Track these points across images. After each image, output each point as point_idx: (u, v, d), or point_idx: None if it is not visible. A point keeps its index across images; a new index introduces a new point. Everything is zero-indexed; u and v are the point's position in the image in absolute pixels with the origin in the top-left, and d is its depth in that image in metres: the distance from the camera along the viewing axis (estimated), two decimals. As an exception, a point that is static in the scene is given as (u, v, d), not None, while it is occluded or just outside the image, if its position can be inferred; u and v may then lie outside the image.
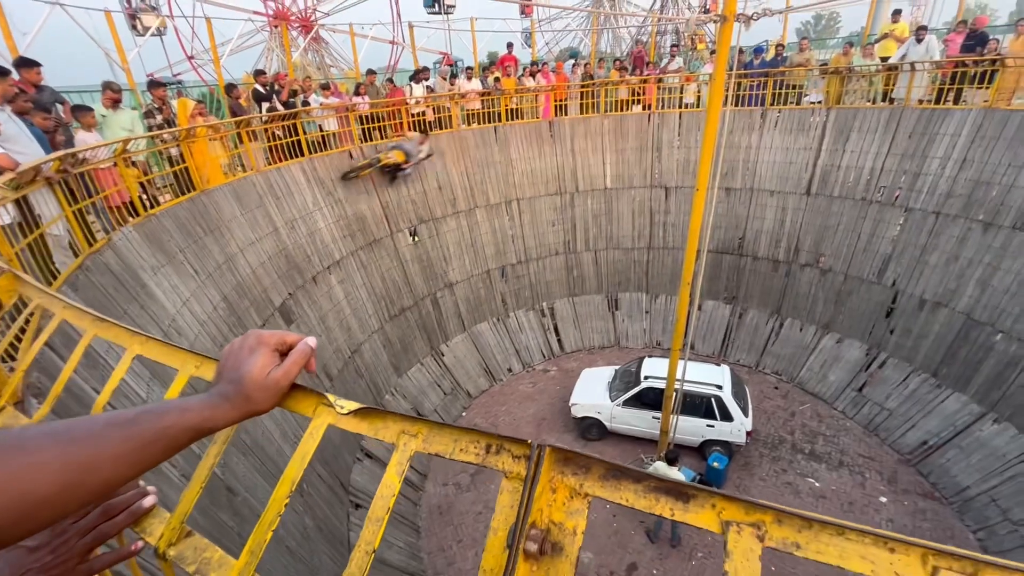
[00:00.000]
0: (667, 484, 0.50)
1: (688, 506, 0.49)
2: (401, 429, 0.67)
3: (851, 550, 0.43)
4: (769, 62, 12.83)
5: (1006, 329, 9.07)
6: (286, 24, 20.54)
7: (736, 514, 0.48)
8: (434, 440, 0.63)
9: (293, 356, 0.81)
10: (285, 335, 0.83)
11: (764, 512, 0.47)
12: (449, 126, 12.63)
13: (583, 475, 0.53)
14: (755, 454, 10.11)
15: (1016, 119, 9.18)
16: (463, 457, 0.60)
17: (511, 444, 0.58)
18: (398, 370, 11.55)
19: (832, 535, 0.44)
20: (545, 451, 0.55)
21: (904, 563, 0.42)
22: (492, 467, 0.58)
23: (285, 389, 0.78)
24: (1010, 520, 7.91)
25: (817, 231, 12.17)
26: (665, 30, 30.82)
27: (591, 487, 0.52)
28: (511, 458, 0.57)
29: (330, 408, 0.73)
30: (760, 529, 0.46)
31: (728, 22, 6.22)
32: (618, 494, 0.51)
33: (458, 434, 0.62)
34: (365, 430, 0.70)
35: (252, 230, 8.74)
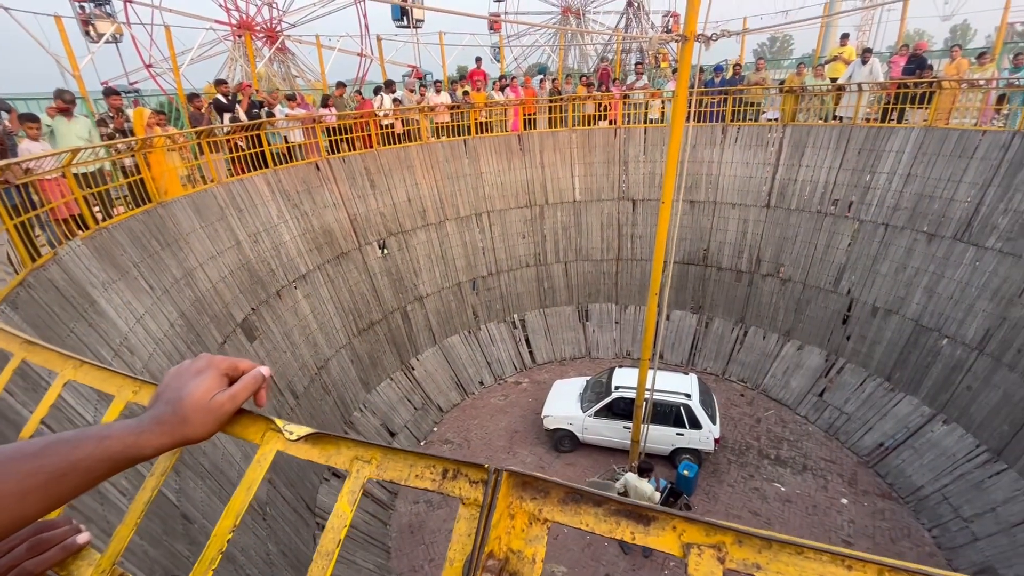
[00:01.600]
0: (627, 507, 0.49)
1: (649, 529, 0.48)
2: (354, 455, 0.63)
3: (810, 569, 0.43)
4: (728, 80, 13.35)
5: (951, 334, 9.58)
6: (250, 34, 20.16)
7: (697, 536, 0.46)
8: (389, 466, 0.60)
9: (243, 381, 0.76)
10: (238, 361, 0.78)
11: (724, 533, 0.46)
12: (418, 138, 12.59)
13: (542, 500, 0.51)
14: (723, 461, 10.29)
15: (953, 137, 9.82)
16: (419, 484, 0.58)
17: (468, 469, 0.56)
18: (367, 386, 11.30)
19: (791, 554, 0.44)
20: (503, 476, 0.53)
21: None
22: (448, 493, 0.56)
23: (229, 414, 0.73)
24: (961, 517, 8.28)
25: (777, 242, 12.63)
26: (630, 48, 31.74)
27: (550, 512, 0.50)
28: (468, 483, 0.55)
29: (279, 434, 0.69)
30: (721, 551, 0.45)
31: (689, 42, 6.44)
32: (578, 519, 0.50)
33: (413, 459, 0.59)
34: (317, 456, 0.67)
35: (213, 243, 8.44)
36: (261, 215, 9.61)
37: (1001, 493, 8.05)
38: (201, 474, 5.86)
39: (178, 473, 5.32)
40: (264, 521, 6.80)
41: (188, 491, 5.37)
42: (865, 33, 30.81)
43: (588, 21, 35.35)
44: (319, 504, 8.86)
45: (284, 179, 10.25)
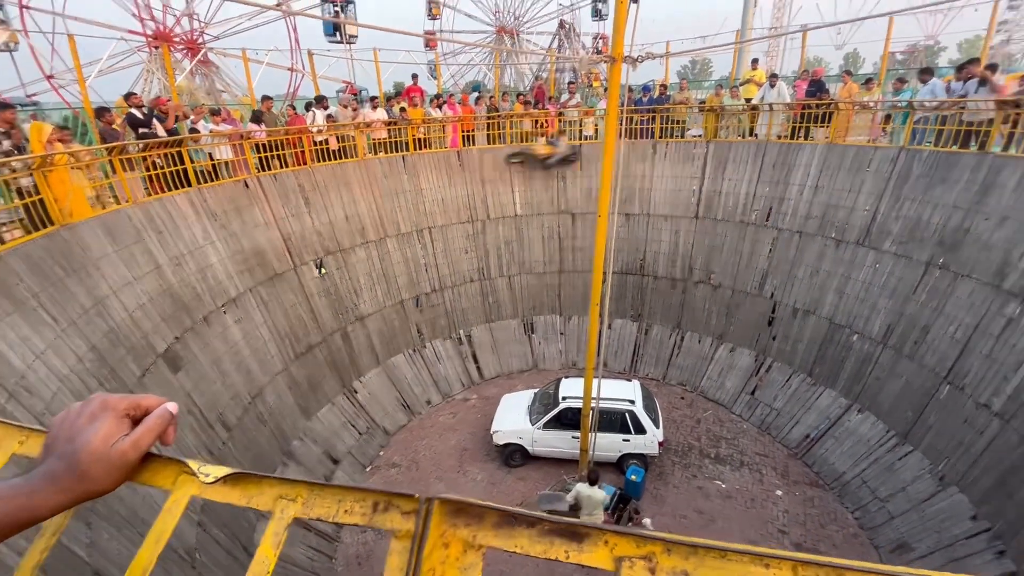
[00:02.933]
0: (560, 526, 0.49)
1: (582, 546, 0.48)
2: (278, 494, 0.59)
3: (733, 571, 0.45)
4: (655, 99, 14.14)
5: (860, 330, 10.52)
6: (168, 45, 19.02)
7: (628, 549, 0.47)
8: (315, 503, 0.57)
9: (147, 422, 0.68)
10: (140, 399, 0.71)
11: (654, 544, 0.47)
12: (355, 155, 12.32)
13: (476, 525, 0.50)
14: (668, 463, 10.64)
15: (851, 152, 10.91)
16: (348, 519, 0.55)
17: (399, 500, 0.54)
18: (307, 412, 10.74)
19: (716, 559, 0.46)
20: (434, 504, 0.51)
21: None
22: (380, 527, 0.53)
23: (134, 462, 0.66)
24: (878, 498, 9.02)
25: (707, 251, 13.40)
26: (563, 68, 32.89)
27: (485, 537, 0.50)
28: (400, 515, 0.53)
29: (193, 477, 0.63)
30: (651, 561, 0.47)
31: (617, 63, 6.77)
32: (512, 542, 0.49)
33: (342, 494, 0.56)
34: (237, 499, 0.62)
35: (128, 268, 7.78)
36: (184, 236, 8.99)
37: (910, 473, 8.86)
38: (117, 523, 5.31)
39: (89, 524, 4.79)
40: (194, 569, 6.24)
41: (102, 544, 4.84)
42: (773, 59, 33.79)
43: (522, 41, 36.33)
44: (256, 543, 8.25)
45: (210, 198, 9.66)
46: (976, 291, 8.63)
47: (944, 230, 9.24)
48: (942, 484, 8.36)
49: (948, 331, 8.94)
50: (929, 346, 9.22)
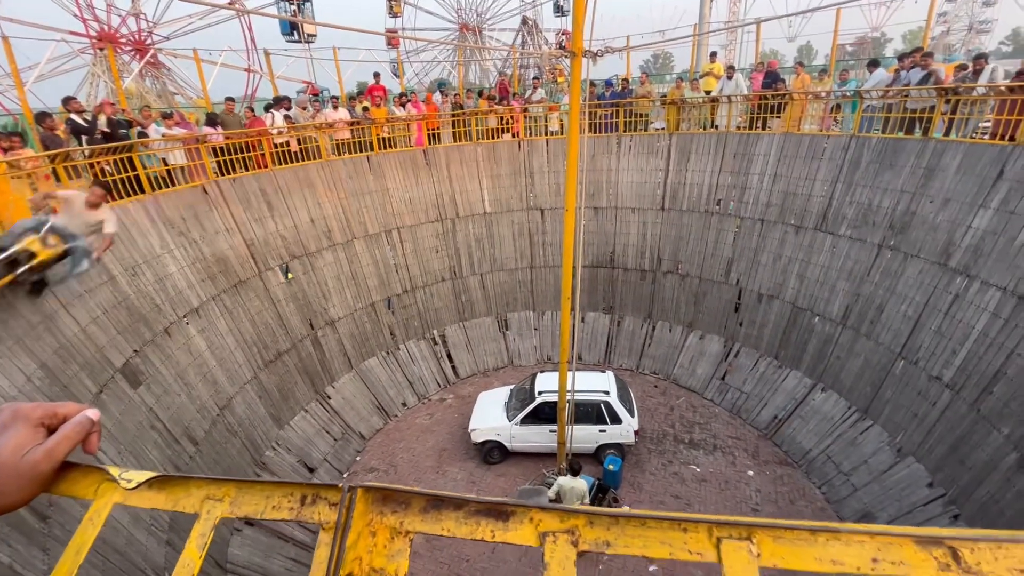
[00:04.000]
0: (487, 505, 0.49)
1: (508, 524, 0.48)
2: (205, 495, 0.57)
3: (652, 538, 0.46)
4: (618, 94, 14.31)
5: (821, 312, 10.93)
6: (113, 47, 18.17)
7: (552, 524, 0.48)
8: (243, 501, 0.55)
9: (63, 430, 0.65)
10: (56, 406, 0.67)
11: (577, 517, 0.48)
12: (316, 156, 12.05)
13: (403, 512, 0.50)
14: (644, 451, 10.84)
15: (806, 141, 11.29)
16: (276, 515, 0.53)
17: (326, 491, 0.53)
18: (279, 421, 10.49)
19: (636, 527, 0.47)
20: (357, 493, 0.50)
21: (695, 540, 0.46)
22: (309, 520, 0.52)
23: (47, 473, 0.62)
24: (842, 472, 9.41)
25: (673, 242, 13.68)
26: (528, 64, 32.95)
27: (412, 523, 0.49)
28: (328, 507, 0.52)
29: (115, 483, 0.60)
30: (574, 534, 0.47)
31: (577, 57, 6.82)
32: (439, 525, 0.49)
33: (270, 490, 0.55)
34: (163, 503, 0.59)
35: (79, 281, 7.41)
36: (139, 245, 8.63)
37: (870, 446, 9.28)
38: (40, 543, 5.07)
39: (8, 542, 4.56)
40: (163, 589, 6.03)
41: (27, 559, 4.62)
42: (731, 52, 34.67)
43: (486, 38, 36.22)
44: (231, 559, 8.04)
45: (165, 205, 9.30)
46: (925, 270, 9.07)
47: (894, 213, 9.68)
48: (900, 455, 8.78)
49: (901, 309, 9.38)
50: (884, 324, 9.66)
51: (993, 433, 7.43)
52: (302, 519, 0.52)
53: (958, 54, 35.26)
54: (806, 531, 0.43)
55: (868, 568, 0.41)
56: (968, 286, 8.32)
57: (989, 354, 7.78)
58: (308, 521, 0.52)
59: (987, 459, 7.42)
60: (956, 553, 0.40)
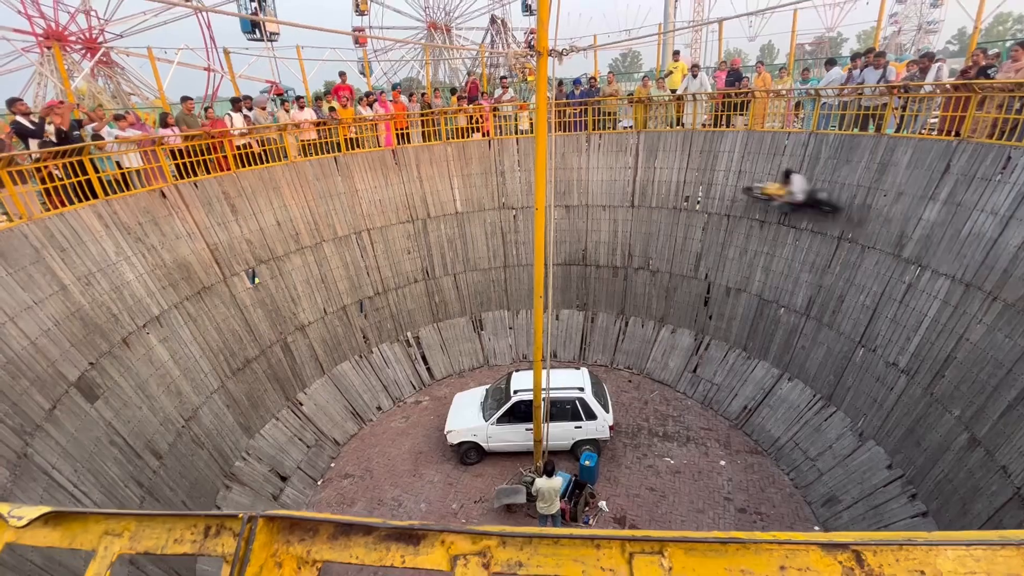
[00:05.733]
0: (396, 530, 0.47)
1: (419, 548, 0.47)
2: (103, 530, 0.53)
3: (566, 555, 0.45)
4: (586, 92, 14.42)
5: (786, 304, 11.27)
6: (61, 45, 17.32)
7: (464, 547, 0.46)
8: (143, 535, 0.52)
9: None
10: None
11: (489, 538, 0.46)
12: (280, 158, 11.74)
13: (310, 540, 0.48)
14: (619, 445, 10.97)
15: (768, 138, 11.61)
16: (179, 548, 0.50)
17: (230, 521, 0.50)
18: (248, 430, 10.21)
19: (549, 546, 0.46)
20: (258, 523, 0.48)
21: (608, 556, 0.45)
22: (211, 554, 0.49)
23: None
24: (809, 457, 9.73)
25: (644, 238, 13.87)
26: (497, 63, 32.90)
27: (319, 552, 0.47)
28: (232, 537, 0.49)
29: (2, 521, 0.56)
30: (486, 556, 0.46)
31: (543, 57, 6.83)
32: (348, 552, 0.47)
33: (172, 522, 0.52)
34: (58, 540, 0.55)
35: (27, 291, 7.05)
36: (93, 253, 8.25)
37: (834, 432, 9.62)
38: None
39: None
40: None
41: None
42: (696, 51, 35.38)
43: (454, 36, 36.00)
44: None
45: (121, 210, 8.91)
46: (880, 261, 9.45)
47: (851, 207, 10.04)
48: (861, 439, 9.13)
49: (859, 299, 9.74)
50: (844, 314, 10.02)
51: (945, 415, 7.80)
52: (204, 552, 0.49)
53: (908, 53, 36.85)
54: (716, 543, 0.43)
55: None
56: (920, 275, 8.71)
57: (940, 340, 8.16)
58: (211, 554, 0.49)
59: (940, 440, 7.78)
60: (860, 557, 0.41)
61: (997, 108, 7.97)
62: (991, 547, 0.40)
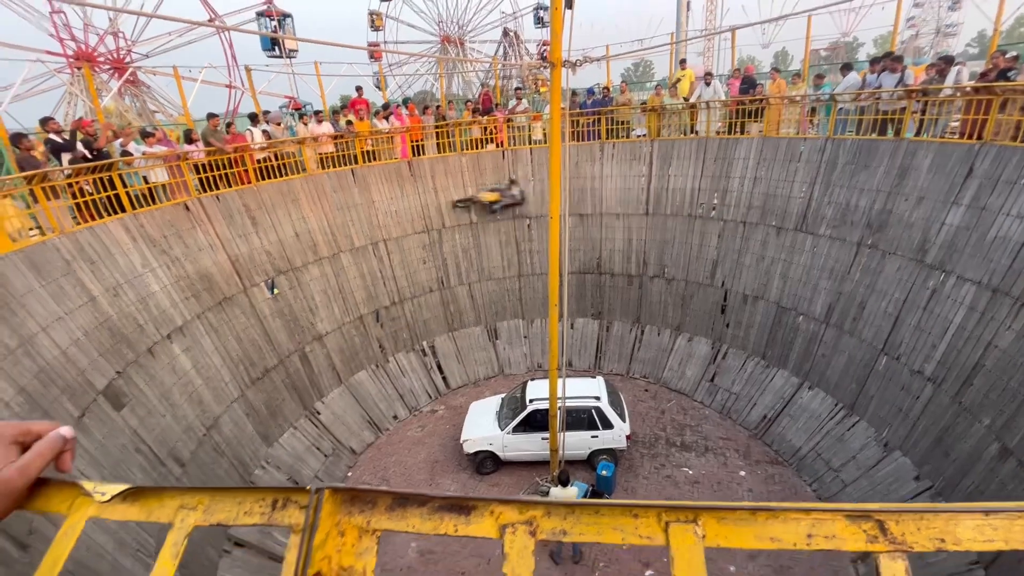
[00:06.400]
0: (450, 501, 0.51)
1: (470, 518, 0.51)
2: (179, 504, 0.59)
3: (605, 524, 0.48)
4: (600, 102, 14.51)
5: (804, 311, 11.11)
6: (91, 66, 18.02)
7: (512, 516, 0.50)
8: (216, 508, 0.57)
9: (36, 448, 0.67)
10: (30, 424, 0.69)
11: (535, 508, 0.50)
12: (298, 171, 12.02)
13: (369, 511, 0.52)
14: (636, 455, 10.86)
15: (783, 144, 11.54)
16: (249, 520, 0.55)
17: (296, 495, 0.55)
18: (267, 439, 10.35)
19: (591, 515, 0.49)
20: (324, 494, 0.52)
21: (645, 524, 0.48)
22: (279, 524, 0.54)
23: (21, 489, 0.64)
24: (832, 468, 9.52)
25: (659, 246, 13.83)
26: (510, 75, 33.29)
27: (378, 521, 0.51)
28: (298, 510, 0.54)
29: (89, 497, 0.62)
30: (532, 524, 0.50)
31: (556, 68, 6.93)
32: (405, 522, 0.51)
33: (242, 496, 0.57)
34: (137, 515, 0.61)
35: (58, 303, 7.30)
36: (120, 265, 8.51)
37: (858, 442, 9.40)
38: (21, 573, 4.94)
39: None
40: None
41: None
42: (708, 60, 35.37)
43: (468, 49, 36.53)
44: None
45: (147, 223, 9.20)
46: (903, 267, 9.28)
47: (871, 212, 9.90)
48: (887, 450, 8.91)
49: (881, 306, 9.57)
50: (866, 321, 9.84)
51: (975, 424, 7.59)
52: (273, 523, 0.54)
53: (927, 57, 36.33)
54: (747, 511, 0.46)
55: (804, 543, 0.44)
56: (945, 281, 8.53)
57: (967, 347, 7.97)
58: (279, 525, 0.54)
59: (970, 450, 7.56)
60: (883, 525, 0.43)
61: (1020, 110, 7.84)
62: (1010, 515, 0.43)
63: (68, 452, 0.69)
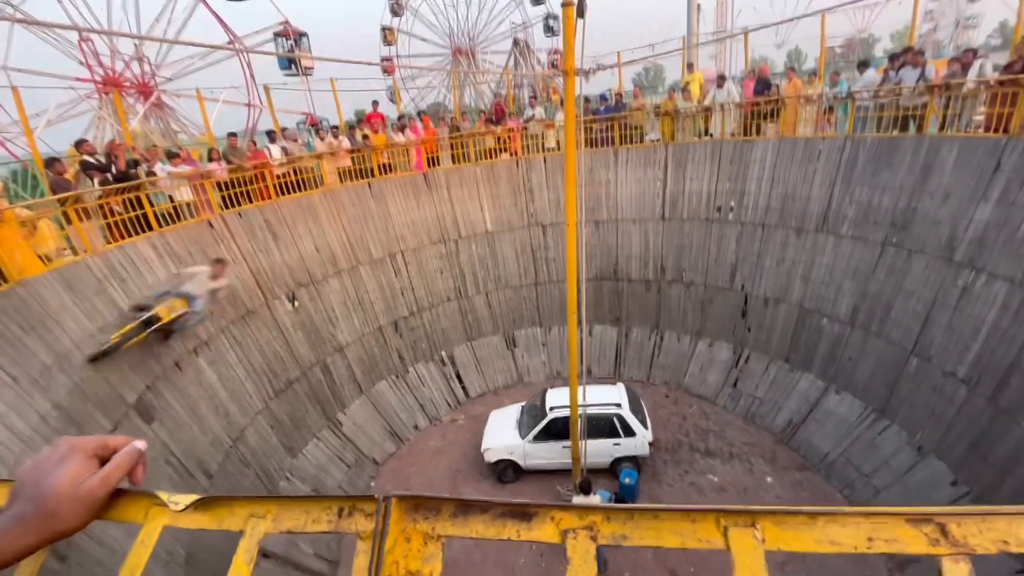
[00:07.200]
0: (511, 507, 0.53)
1: (531, 524, 0.52)
2: (249, 512, 0.62)
3: (665, 529, 0.50)
4: (612, 108, 14.52)
5: (828, 313, 10.88)
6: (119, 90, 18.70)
7: (572, 522, 0.52)
8: (285, 517, 0.60)
9: (115, 460, 0.71)
10: (108, 439, 0.73)
11: (595, 514, 0.52)
12: (316, 185, 12.26)
13: (434, 518, 0.54)
14: (659, 462, 10.72)
15: (801, 144, 11.39)
16: (316, 527, 0.58)
17: (362, 503, 0.57)
18: (291, 450, 10.48)
19: (649, 520, 0.51)
20: (391, 502, 0.55)
21: (704, 529, 0.49)
22: (346, 532, 0.56)
23: (102, 500, 0.68)
24: (863, 473, 9.25)
25: (676, 250, 13.71)
26: (522, 84, 33.52)
27: (443, 528, 0.53)
28: (363, 517, 0.56)
29: (163, 507, 0.65)
30: (593, 530, 0.51)
31: (570, 76, 6.98)
32: (468, 528, 0.53)
33: (308, 505, 0.59)
34: (208, 523, 0.64)
35: (91, 320, 7.54)
36: (148, 282, 8.76)
37: (889, 446, 9.14)
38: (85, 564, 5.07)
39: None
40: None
41: None
42: (721, 62, 35.17)
43: (479, 60, 36.93)
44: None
45: (173, 241, 9.47)
46: (930, 265, 9.05)
47: (894, 211, 9.69)
48: (920, 454, 8.64)
49: (909, 306, 9.33)
50: (894, 322, 9.60)
51: (1013, 427, 7.32)
52: (340, 530, 0.56)
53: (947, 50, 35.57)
54: (806, 515, 0.47)
55: (864, 547, 0.44)
56: (975, 279, 8.29)
57: (1002, 347, 7.71)
58: (346, 532, 0.56)
59: (1009, 453, 7.29)
60: (944, 528, 0.44)
61: (1048, 102, 7.62)
62: (1075, 517, 0.43)
63: (141, 465, 0.73)
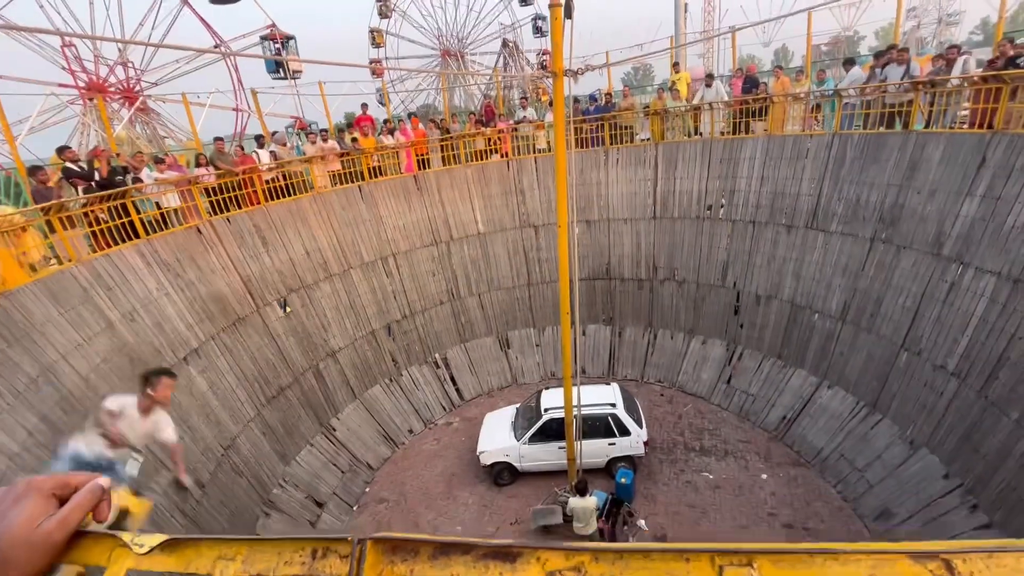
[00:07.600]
0: (494, 548, 0.50)
1: (516, 565, 0.49)
2: (217, 555, 0.58)
3: (657, 569, 0.47)
4: (602, 108, 14.54)
5: (819, 309, 10.96)
6: (103, 96, 18.45)
7: (559, 563, 0.49)
8: (255, 559, 0.56)
9: (75, 499, 0.66)
10: (69, 476, 0.69)
11: (582, 554, 0.49)
12: (306, 189, 12.16)
13: (412, 560, 0.51)
14: (655, 461, 10.73)
15: (789, 142, 11.46)
16: (288, 571, 0.54)
17: (336, 544, 0.54)
18: (284, 458, 10.38)
19: (640, 560, 0.48)
20: (367, 545, 0.52)
21: (698, 569, 0.47)
22: (321, 574, 0.53)
23: (60, 543, 0.63)
24: (856, 469, 9.32)
25: (668, 249, 13.75)
26: (511, 85, 33.51)
27: (421, 571, 0.50)
28: (339, 559, 0.53)
29: (127, 548, 0.61)
30: (580, 571, 0.48)
31: (559, 77, 6.96)
32: (448, 571, 0.50)
33: (281, 546, 0.56)
34: (175, 566, 0.60)
35: (77, 330, 7.41)
36: (136, 290, 8.64)
37: (882, 441, 9.21)
38: None
39: None
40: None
41: None
42: (708, 60, 35.39)
43: (468, 62, 36.88)
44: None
45: (161, 248, 9.34)
46: (918, 260, 9.13)
47: (882, 207, 9.78)
48: (913, 448, 8.71)
49: (899, 301, 9.41)
50: (884, 317, 9.67)
51: (1003, 419, 7.40)
52: (314, 573, 0.53)
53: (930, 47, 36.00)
54: (804, 553, 0.44)
55: (866, 586, 0.42)
56: (963, 273, 8.38)
57: (991, 340, 7.80)
58: (320, 575, 0.53)
59: (1000, 446, 7.37)
60: (950, 565, 0.42)
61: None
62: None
63: (104, 502, 0.69)
